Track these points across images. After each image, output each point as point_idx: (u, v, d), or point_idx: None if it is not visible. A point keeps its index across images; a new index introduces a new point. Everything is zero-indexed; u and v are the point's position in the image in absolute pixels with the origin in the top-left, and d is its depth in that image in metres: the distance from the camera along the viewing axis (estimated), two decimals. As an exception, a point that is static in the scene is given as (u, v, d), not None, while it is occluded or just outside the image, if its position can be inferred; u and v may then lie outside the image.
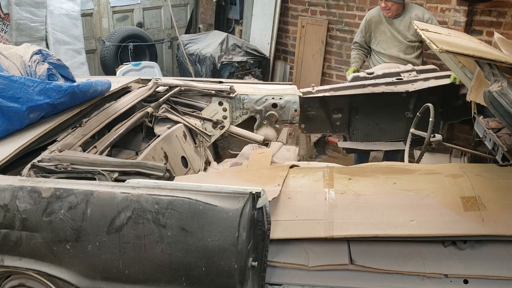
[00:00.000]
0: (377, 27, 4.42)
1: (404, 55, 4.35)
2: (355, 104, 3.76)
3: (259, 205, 1.88)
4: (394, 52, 4.38)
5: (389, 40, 4.38)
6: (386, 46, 4.41)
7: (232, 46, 5.73)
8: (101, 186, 1.99)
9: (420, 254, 2.07)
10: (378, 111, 3.57)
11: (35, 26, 5.15)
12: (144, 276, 1.90)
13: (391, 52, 4.40)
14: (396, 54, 4.37)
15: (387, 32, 4.36)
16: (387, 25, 4.35)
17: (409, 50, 4.35)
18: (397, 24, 4.31)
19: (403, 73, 3.98)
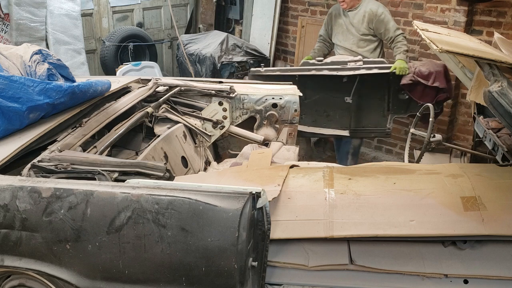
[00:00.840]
0: (336, 20, 4.56)
1: (357, 48, 4.45)
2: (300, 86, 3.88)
3: (259, 205, 1.88)
4: (348, 44, 4.49)
5: (344, 32, 4.50)
6: (342, 38, 4.53)
7: (232, 46, 5.73)
8: (101, 186, 1.99)
9: (420, 254, 2.07)
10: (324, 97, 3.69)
11: (35, 26, 5.15)
12: (144, 276, 1.90)
13: (345, 44, 4.52)
14: (349, 47, 4.48)
15: (343, 25, 4.48)
16: (344, 18, 4.47)
17: (361, 43, 4.44)
18: (351, 17, 4.42)
19: (350, 62, 4.17)
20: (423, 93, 4.04)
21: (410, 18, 4.72)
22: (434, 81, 4.00)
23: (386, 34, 4.32)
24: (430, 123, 3.13)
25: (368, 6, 4.34)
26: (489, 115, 3.05)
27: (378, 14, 4.29)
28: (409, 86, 4.06)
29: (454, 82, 4.43)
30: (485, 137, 2.95)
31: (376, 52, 4.46)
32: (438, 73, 4.01)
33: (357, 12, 4.37)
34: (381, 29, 4.32)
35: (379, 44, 4.45)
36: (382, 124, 4.33)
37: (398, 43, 4.27)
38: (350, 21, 4.41)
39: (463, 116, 4.64)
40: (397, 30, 4.29)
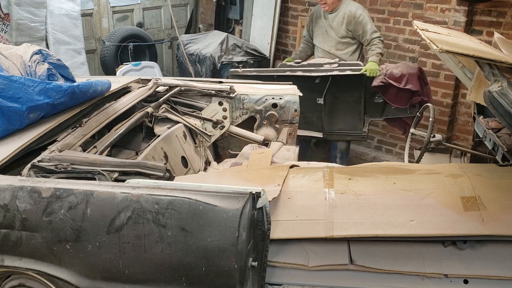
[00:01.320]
0: (317, 21, 4.58)
1: (336, 51, 4.49)
2: None
3: (259, 205, 1.88)
4: (327, 47, 4.53)
5: (324, 34, 4.54)
6: (322, 40, 4.56)
7: (232, 46, 5.73)
8: (101, 186, 1.99)
9: (420, 254, 2.07)
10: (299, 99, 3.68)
11: (35, 26, 5.15)
12: (144, 276, 1.90)
13: (324, 46, 4.55)
14: (328, 49, 4.52)
15: (323, 27, 4.51)
16: (324, 20, 4.50)
17: (340, 46, 4.47)
18: (331, 19, 4.44)
19: (325, 64, 4.23)
20: (397, 96, 4.04)
21: (410, 18, 4.72)
22: (407, 84, 3.98)
23: (363, 36, 4.36)
24: (430, 123, 3.13)
25: (348, 8, 4.37)
26: (489, 115, 3.05)
27: (356, 16, 4.33)
28: (382, 88, 4.07)
29: (455, 82, 4.44)
30: (485, 137, 2.95)
31: (355, 55, 4.50)
32: (411, 75, 3.99)
33: (337, 14, 4.41)
34: (359, 31, 4.36)
35: (358, 47, 4.49)
36: (358, 127, 4.33)
37: (373, 46, 4.31)
38: (330, 23, 4.46)
39: (463, 116, 4.64)
40: (374, 33, 4.33)
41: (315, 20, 4.60)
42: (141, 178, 2.14)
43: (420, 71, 4.05)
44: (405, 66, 4.11)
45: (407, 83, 3.98)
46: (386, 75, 4.03)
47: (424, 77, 4.12)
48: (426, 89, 4.12)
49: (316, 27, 4.59)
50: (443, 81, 4.53)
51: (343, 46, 4.46)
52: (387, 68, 4.10)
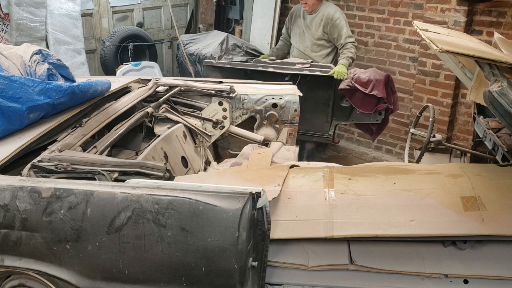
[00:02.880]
0: (295, 20, 4.63)
1: (310, 52, 4.56)
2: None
3: (259, 205, 1.88)
4: (302, 47, 4.59)
5: (301, 34, 4.59)
6: (298, 39, 4.63)
7: (232, 46, 5.72)
8: (101, 186, 1.99)
9: (420, 254, 2.07)
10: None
11: (35, 26, 5.14)
12: (144, 276, 1.90)
13: (299, 46, 4.62)
14: (303, 50, 4.58)
15: (301, 27, 4.56)
16: (302, 20, 4.55)
17: (315, 47, 4.54)
18: (309, 20, 4.50)
19: (298, 64, 4.30)
20: (363, 101, 4.06)
21: (410, 18, 4.72)
22: (373, 90, 3.99)
23: (338, 40, 4.43)
24: (430, 123, 3.13)
25: (327, 10, 4.43)
26: (489, 115, 3.05)
27: (334, 19, 4.39)
28: (349, 92, 4.09)
29: (455, 82, 4.44)
30: (485, 137, 2.95)
31: (329, 58, 4.56)
32: (378, 82, 4.01)
33: (316, 16, 4.46)
34: (334, 34, 4.42)
35: (332, 51, 4.55)
36: (325, 129, 4.37)
37: (345, 50, 4.38)
38: (308, 24, 4.51)
39: (463, 116, 4.64)
40: (348, 37, 4.40)
41: (294, 19, 4.65)
42: (141, 178, 2.14)
43: (388, 78, 4.08)
44: (373, 72, 4.14)
45: (373, 89, 4.00)
46: (353, 79, 4.07)
47: (392, 85, 4.14)
48: (393, 97, 4.14)
49: (294, 26, 4.66)
50: (443, 81, 4.54)
51: (318, 48, 4.54)
52: (355, 73, 4.13)
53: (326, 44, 4.51)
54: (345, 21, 4.43)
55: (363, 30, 5.11)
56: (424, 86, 4.66)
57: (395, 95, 4.16)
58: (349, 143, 5.49)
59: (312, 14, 4.47)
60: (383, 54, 5.00)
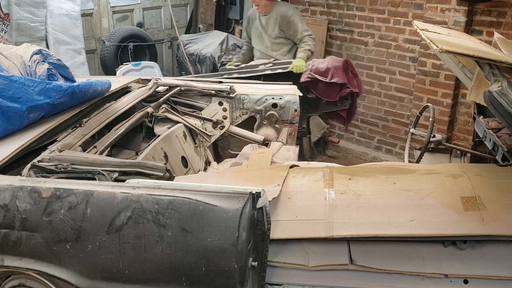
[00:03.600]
0: (252, 24, 4.72)
1: (271, 51, 4.64)
2: None
3: (259, 205, 1.88)
4: (263, 48, 4.68)
5: (260, 36, 4.68)
6: (258, 41, 4.72)
7: (232, 46, 5.74)
8: (101, 186, 1.99)
9: (420, 254, 2.07)
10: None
11: (35, 26, 5.15)
12: (144, 276, 1.90)
13: (260, 48, 4.71)
14: (264, 50, 4.67)
15: (259, 28, 4.65)
16: (259, 21, 4.63)
17: (275, 46, 4.62)
18: (265, 21, 4.59)
19: (261, 65, 4.38)
20: (326, 90, 4.07)
21: (410, 18, 4.73)
22: (333, 77, 4.02)
23: (295, 36, 4.51)
24: (430, 123, 3.13)
25: (280, 9, 4.52)
26: (489, 115, 3.05)
27: (287, 16, 4.48)
28: (311, 84, 4.11)
29: (455, 82, 4.43)
30: (485, 137, 2.95)
31: (290, 54, 4.62)
32: (336, 68, 4.03)
33: (270, 16, 4.54)
34: (290, 30, 4.50)
35: (292, 47, 4.61)
36: (300, 123, 4.39)
37: (302, 43, 4.45)
38: (264, 25, 4.59)
39: (463, 116, 4.64)
40: (305, 31, 4.47)
41: (251, 22, 4.74)
42: (141, 178, 2.14)
43: (346, 63, 4.11)
44: (331, 60, 4.17)
45: (333, 77, 4.02)
46: (312, 71, 4.10)
47: (352, 69, 4.17)
48: (357, 80, 4.17)
49: (253, 29, 4.74)
50: (443, 81, 4.54)
51: (277, 46, 4.61)
52: (313, 64, 4.17)
53: (284, 42, 4.60)
54: (299, 17, 4.54)
55: (363, 30, 5.11)
56: (424, 86, 4.66)
57: (358, 78, 4.21)
58: (349, 143, 5.49)
59: (266, 15, 4.57)
60: (383, 54, 5.00)
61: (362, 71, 5.20)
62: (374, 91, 5.15)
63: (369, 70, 5.14)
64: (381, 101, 5.13)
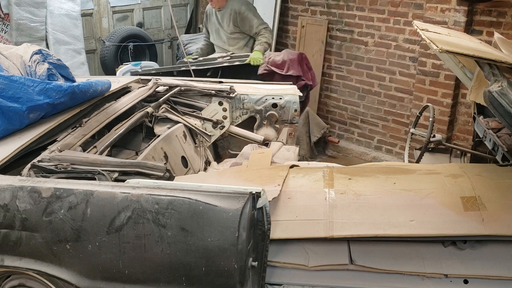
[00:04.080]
0: (210, 18, 4.82)
1: (228, 46, 4.73)
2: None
3: (259, 205, 1.88)
4: (220, 43, 4.78)
5: (217, 31, 4.77)
6: (215, 36, 4.81)
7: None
8: (101, 186, 1.99)
9: (420, 254, 2.07)
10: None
11: (35, 26, 5.15)
12: (144, 276, 1.90)
13: (218, 43, 4.81)
14: (221, 45, 4.77)
15: (215, 24, 4.74)
16: (215, 17, 4.72)
17: (231, 41, 4.73)
18: (220, 16, 4.68)
19: (219, 58, 4.48)
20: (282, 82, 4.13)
21: (410, 18, 4.72)
22: (289, 70, 4.14)
23: (251, 31, 4.60)
24: (430, 123, 3.13)
25: (233, 5, 4.59)
26: (489, 115, 3.05)
27: (241, 12, 4.56)
28: (268, 76, 4.21)
29: (455, 82, 4.43)
30: (485, 137, 2.95)
31: (247, 48, 4.71)
32: (292, 61, 4.15)
33: (225, 12, 4.63)
34: (246, 26, 4.60)
35: (249, 41, 4.71)
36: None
37: (259, 36, 4.54)
38: (220, 21, 4.67)
39: (463, 116, 4.64)
40: (261, 25, 4.55)
41: (209, 17, 4.82)
42: (141, 178, 2.14)
43: (301, 56, 4.21)
44: (286, 53, 4.28)
45: (289, 69, 4.13)
46: (269, 63, 4.21)
47: (307, 62, 4.29)
48: (311, 73, 4.29)
49: (210, 25, 4.82)
50: (443, 81, 4.54)
51: (234, 41, 4.70)
52: (270, 56, 4.27)
53: (240, 37, 4.68)
54: (253, 12, 4.61)
55: (363, 30, 5.11)
56: (424, 86, 4.66)
57: (312, 71, 4.32)
58: (349, 143, 5.49)
59: (221, 10, 4.64)
60: (383, 54, 5.00)
61: (362, 71, 5.20)
62: (374, 91, 5.15)
63: (369, 70, 5.14)
64: (381, 101, 5.13)
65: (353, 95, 5.34)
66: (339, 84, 5.43)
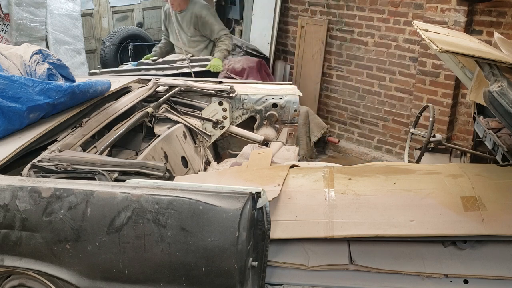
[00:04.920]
0: (169, 19, 4.82)
1: (188, 48, 4.77)
2: None
3: (259, 205, 1.88)
4: (180, 44, 4.80)
5: (177, 31, 4.76)
6: (175, 37, 4.82)
7: (232, 46, 5.73)
8: (101, 186, 1.99)
9: (420, 254, 2.07)
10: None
11: (35, 26, 5.15)
12: (144, 276, 1.90)
13: (177, 43, 4.84)
14: (181, 46, 4.78)
15: (176, 24, 4.73)
16: (175, 18, 4.72)
17: (191, 43, 4.77)
18: (181, 18, 4.69)
19: (178, 61, 4.52)
20: None
21: (410, 18, 4.72)
22: (248, 77, 4.24)
23: (212, 35, 4.66)
24: (430, 123, 3.13)
25: (194, 9, 4.62)
26: (489, 115, 3.05)
27: (202, 17, 4.60)
28: None
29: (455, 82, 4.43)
30: (485, 137, 2.95)
31: (207, 51, 4.75)
32: (251, 68, 4.27)
33: (185, 15, 4.64)
34: (206, 31, 4.65)
35: (208, 44, 4.75)
36: None
37: (219, 42, 4.60)
38: (180, 22, 4.68)
39: (463, 116, 4.64)
40: (221, 31, 4.61)
41: (168, 18, 4.82)
42: (141, 178, 2.14)
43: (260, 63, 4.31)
44: (246, 60, 4.37)
45: (248, 77, 4.24)
46: (229, 70, 4.29)
47: (266, 69, 4.39)
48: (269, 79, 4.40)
49: (169, 25, 4.83)
50: (443, 81, 4.53)
51: (194, 44, 4.74)
52: (230, 63, 4.34)
53: (200, 40, 4.73)
54: (214, 17, 4.66)
55: (363, 30, 5.11)
56: (424, 86, 4.66)
57: (270, 77, 4.45)
58: (349, 143, 5.49)
59: (182, 13, 4.64)
60: (383, 54, 5.00)
61: (362, 71, 5.20)
62: (374, 91, 5.15)
63: (369, 70, 5.14)
64: (381, 101, 5.13)
65: (353, 95, 5.34)
66: (339, 84, 5.43)
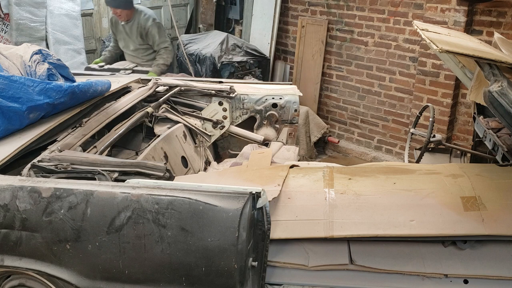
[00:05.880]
0: (117, 26, 4.93)
1: (137, 55, 4.90)
2: None
3: (259, 205, 1.88)
4: (129, 51, 4.94)
5: (125, 40, 4.91)
6: (124, 44, 4.95)
7: (232, 46, 5.73)
8: (101, 186, 1.99)
9: (420, 254, 2.07)
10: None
11: (35, 26, 5.14)
12: (144, 276, 1.90)
13: (126, 51, 4.96)
14: (130, 53, 4.93)
15: (123, 32, 4.87)
16: (122, 27, 4.85)
17: (139, 52, 4.90)
18: (128, 28, 4.81)
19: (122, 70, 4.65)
20: None
21: (410, 18, 4.72)
22: None
23: (154, 46, 4.81)
24: (430, 123, 3.13)
25: (140, 19, 4.73)
26: (489, 115, 3.05)
27: (146, 28, 4.72)
28: None
29: (455, 82, 4.44)
30: (485, 137, 2.95)
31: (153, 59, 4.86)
32: None
33: (132, 24, 4.76)
34: (150, 41, 4.79)
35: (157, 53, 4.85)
36: None
37: (157, 56, 4.77)
38: (128, 31, 4.80)
39: (463, 116, 4.64)
40: (162, 43, 4.74)
41: (115, 25, 4.93)
42: (141, 178, 2.14)
43: None
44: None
45: None
46: None
47: None
48: None
49: (117, 32, 4.93)
50: (443, 81, 4.54)
51: (142, 52, 4.87)
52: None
53: (148, 47, 4.86)
54: (157, 28, 4.75)
55: (363, 30, 5.11)
56: (424, 86, 4.66)
57: None
58: (349, 143, 5.49)
59: (129, 23, 4.75)
60: (383, 54, 5.00)
61: (362, 71, 5.20)
62: (374, 91, 5.15)
63: (369, 70, 5.14)
64: (381, 101, 5.13)
65: (353, 95, 5.35)
66: (339, 84, 5.43)
